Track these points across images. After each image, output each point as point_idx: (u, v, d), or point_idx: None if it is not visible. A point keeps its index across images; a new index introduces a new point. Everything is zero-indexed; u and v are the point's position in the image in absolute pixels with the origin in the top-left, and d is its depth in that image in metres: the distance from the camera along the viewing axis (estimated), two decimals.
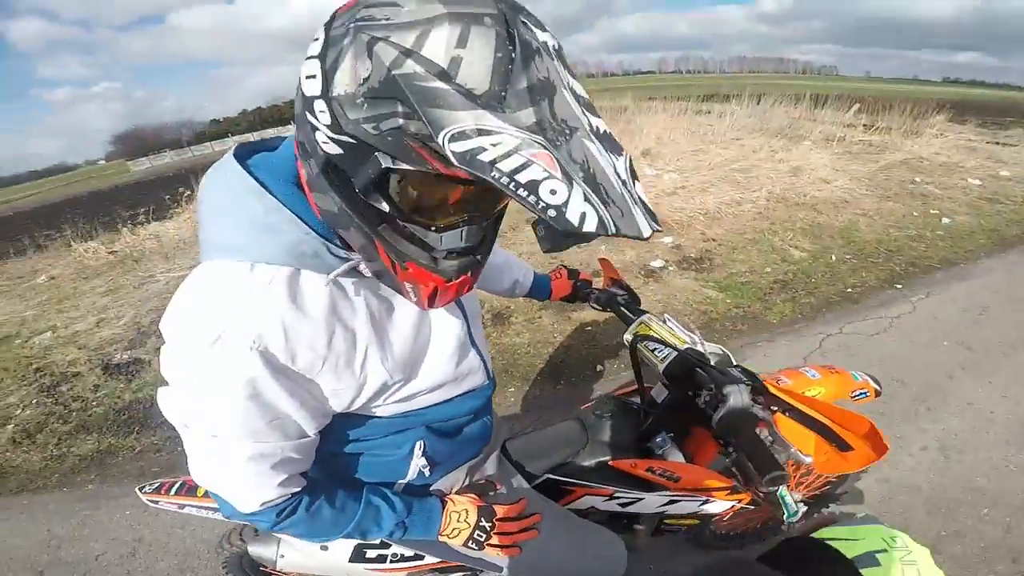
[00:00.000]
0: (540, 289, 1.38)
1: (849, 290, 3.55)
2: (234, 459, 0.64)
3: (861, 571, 0.66)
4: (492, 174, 0.41)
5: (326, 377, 0.64)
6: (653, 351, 1.15)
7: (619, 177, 0.45)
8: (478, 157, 0.41)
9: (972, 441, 2.18)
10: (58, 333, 3.95)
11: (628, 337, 1.23)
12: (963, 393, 2.47)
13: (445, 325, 0.77)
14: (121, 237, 6.22)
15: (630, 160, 0.48)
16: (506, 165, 0.41)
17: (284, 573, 1.12)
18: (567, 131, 0.44)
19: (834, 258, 4.01)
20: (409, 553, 1.00)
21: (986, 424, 2.28)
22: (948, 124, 9.02)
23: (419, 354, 0.74)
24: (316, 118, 0.50)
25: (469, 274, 0.60)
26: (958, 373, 2.62)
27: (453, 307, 0.78)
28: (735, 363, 1.10)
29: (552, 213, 0.40)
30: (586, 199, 0.41)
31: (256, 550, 1.10)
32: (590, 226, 0.41)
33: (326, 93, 0.48)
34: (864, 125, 9.03)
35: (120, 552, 2.04)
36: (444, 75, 0.42)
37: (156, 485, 1.17)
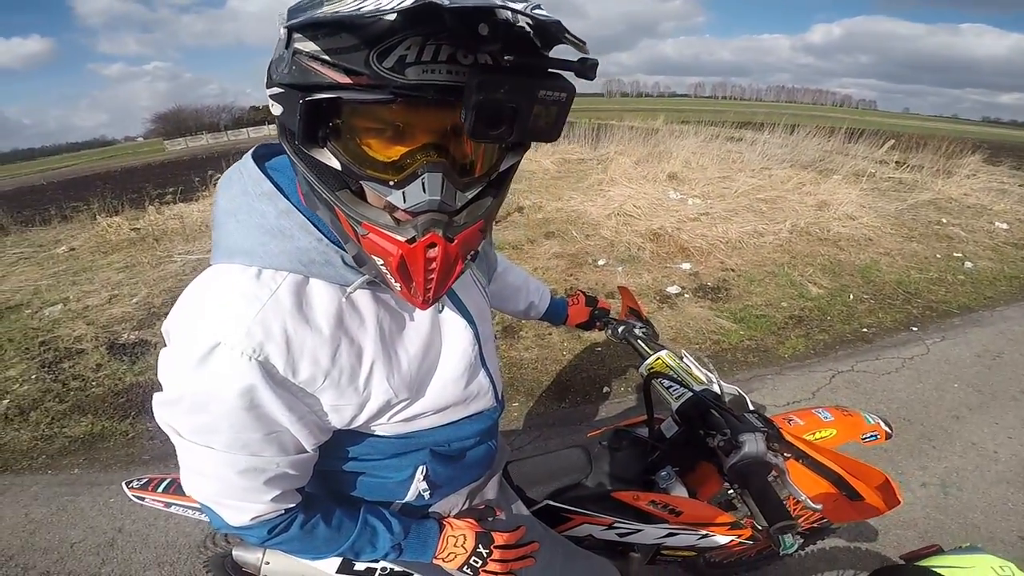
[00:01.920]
0: (556, 314, 1.36)
1: (864, 330, 3.55)
2: (226, 472, 0.62)
3: None
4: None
5: (327, 392, 0.62)
6: (668, 388, 1.15)
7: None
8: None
9: (972, 479, 2.24)
10: (69, 306, 3.91)
11: (643, 372, 1.23)
12: (968, 434, 2.52)
13: (455, 345, 0.74)
14: (146, 215, 6.24)
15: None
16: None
17: None
18: None
19: (852, 297, 4.00)
20: (398, 570, 0.98)
21: (988, 463, 2.33)
22: (982, 165, 8.86)
23: (427, 374, 0.71)
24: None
25: (441, 234, 0.51)
26: (965, 414, 2.66)
27: (464, 327, 0.75)
28: (751, 407, 1.09)
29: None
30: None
31: (240, 554, 1.08)
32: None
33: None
34: (896, 162, 8.98)
35: (98, 541, 1.98)
36: None
37: (144, 481, 1.14)
